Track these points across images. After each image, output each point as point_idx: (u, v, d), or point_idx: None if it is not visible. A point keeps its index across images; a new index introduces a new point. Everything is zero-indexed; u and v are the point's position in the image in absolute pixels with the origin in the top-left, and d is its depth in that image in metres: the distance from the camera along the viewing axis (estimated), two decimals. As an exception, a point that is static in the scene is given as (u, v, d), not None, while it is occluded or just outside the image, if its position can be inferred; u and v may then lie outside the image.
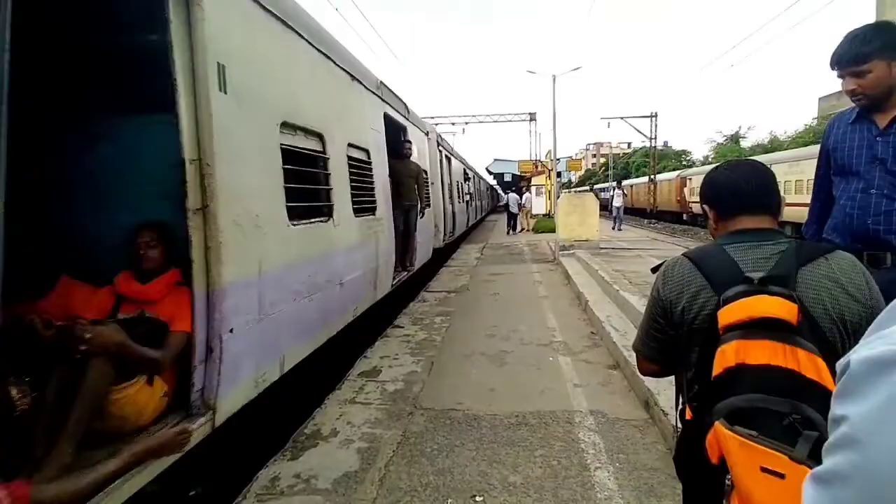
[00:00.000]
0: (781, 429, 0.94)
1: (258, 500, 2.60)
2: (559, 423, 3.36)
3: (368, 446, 3.12)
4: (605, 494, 2.55)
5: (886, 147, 1.83)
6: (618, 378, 4.12)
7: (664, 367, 1.37)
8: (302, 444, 3.17)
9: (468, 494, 2.59)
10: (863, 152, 1.89)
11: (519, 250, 13.67)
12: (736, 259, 1.18)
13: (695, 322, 1.20)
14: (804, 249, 1.17)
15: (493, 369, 4.45)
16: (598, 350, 4.87)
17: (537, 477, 2.73)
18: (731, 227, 1.26)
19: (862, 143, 1.90)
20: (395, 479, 2.76)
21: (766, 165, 1.31)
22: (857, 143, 1.91)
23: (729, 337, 1.06)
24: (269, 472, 2.85)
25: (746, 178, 1.26)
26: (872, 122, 1.88)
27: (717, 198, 1.30)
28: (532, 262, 11.15)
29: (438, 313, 6.60)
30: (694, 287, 1.21)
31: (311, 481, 2.76)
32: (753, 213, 1.24)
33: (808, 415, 0.94)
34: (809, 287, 1.11)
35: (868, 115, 1.89)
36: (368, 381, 4.22)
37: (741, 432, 0.94)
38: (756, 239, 1.20)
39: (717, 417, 1.00)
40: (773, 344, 1.01)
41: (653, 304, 1.32)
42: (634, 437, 3.13)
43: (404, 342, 5.33)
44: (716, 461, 1.01)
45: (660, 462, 2.82)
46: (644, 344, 1.38)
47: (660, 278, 1.32)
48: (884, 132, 1.84)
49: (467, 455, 2.98)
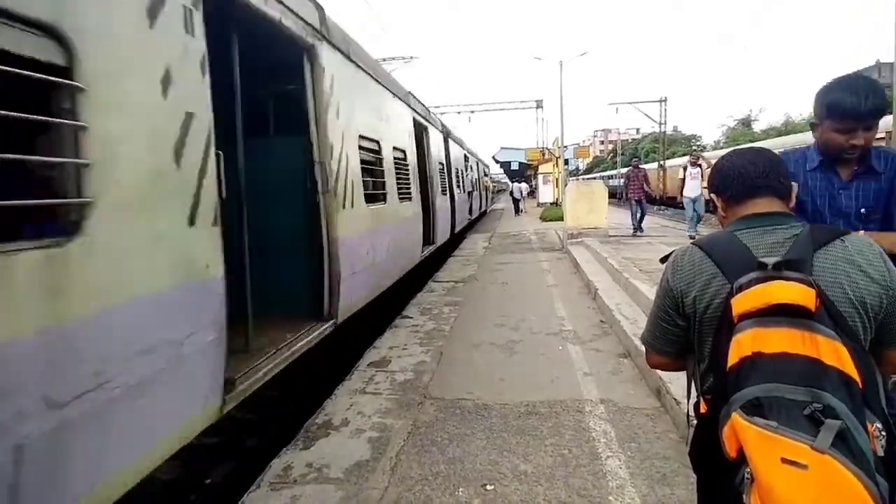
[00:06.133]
0: (802, 418, 0.91)
1: (272, 489, 2.63)
2: (569, 412, 3.35)
3: (379, 436, 3.13)
4: (616, 483, 2.55)
5: (850, 200, 1.82)
6: (628, 366, 4.10)
7: (675, 359, 1.34)
8: (314, 433, 3.20)
9: (479, 483, 2.60)
10: (826, 202, 1.88)
11: (527, 239, 13.61)
12: (748, 245, 1.15)
13: (707, 311, 1.18)
14: (819, 232, 1.14)
15: (503, 359, 4.44)
16: (608, 339, 4.85)
17: (548, 466, 2.73)
18: (741, 212, 1.23)
19: (825, 194, 1.88)
20: (406, 468, 2.77)
21: (774, 151, 1.28)
22: (821, 193, 1.89)
23: (744, 325, 1.03)
24: (282, 462, 2.88)
25: (753, 161, 1.24)
26: (836, 174, 1.85)
27: (725, 183, 1.26)
28: (540, 251, 11.11)
29: (447, 303, 6.60)
30: (705, 275, 1.18)
31: (324, 470, 2.78)
32: (763, 195, 1.21)
33: (830, 403, 0.92)
34: (827, 271, 1.08)
35: (833, 167, 1.85)
36: (378, 372, 4.23)
37: (760, 423, 0.92)
38: (768, 223, 1.17)
39: (733, 409, 0.98)
40: (791, 331, 0.98)
41: (662, 294, 1.29)
42: (646, 426, 3.12)
43: (413, 332, 5.34)
44: (733, 454, 0.99)
45: (672, 451, 2.81)
46: (654, 336, 1.35)
47: (669, 268, 1.29)
48: (846, 184, 1.83)
49: (477, 444, 2.98)
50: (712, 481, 1.18)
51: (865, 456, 0.89)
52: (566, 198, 12.44)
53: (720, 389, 1.07)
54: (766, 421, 0.92)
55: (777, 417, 0.92)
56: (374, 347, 4.88)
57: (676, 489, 2.47)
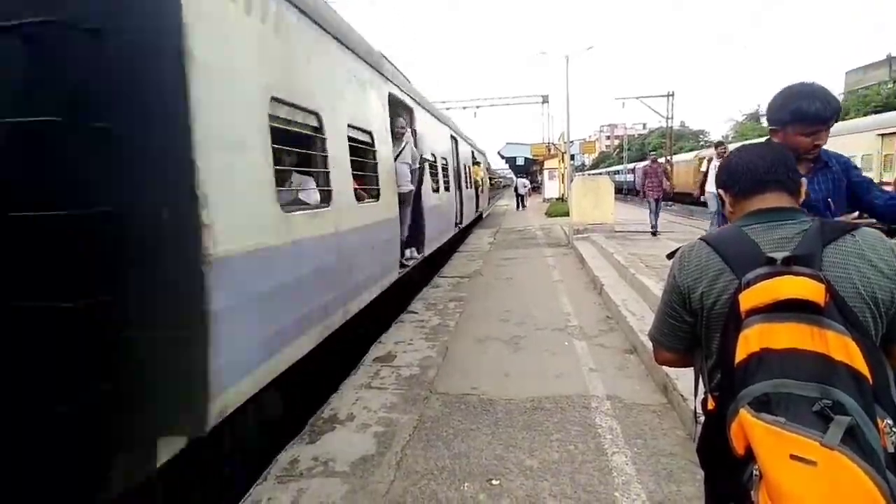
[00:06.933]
0: (811, 415, 0.90)
1: (278, 482, 2.65)
2: (575, 407, 3.35)
3: (385, 430, 3.14)
4: (622, 479, 2.55)
5: (816, 192, 1.96)
6: (634, 362, 4.09)
7: (683, 355, 1.33)
8: (320, 428, 3.21)
9: (484, 478, 2.61)
10: None
11: (532, 235, 13.58)
12: (756, 240, 1.13)
13: (714, 307, 1.16)
14: (828, 227, 1.12)
15: (508, 354, 4.45)
16: (615, 334, 4.84)
17: (554, 461, 2.73)
18: (749, 207, 1.21)
19: None
20: (412, 462, 2.78)
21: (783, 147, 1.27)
22: None
23: (752, 321, 1.02)
24: (289, 455, 2.89)
25: (761, 155, 1.23)
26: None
27: (733, 178, 1.25)
28: (546, 247, 11.08)
29: (452, 298, 6.60)
30: (713, 271, 1.17)
31: (330, 464, 2.79)
32: (771, 190, 1.20)
33: (840, 399, 0.91)
34: (836, 265, 1.06)
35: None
36: (383, 367, 4.25)
37: (768, 419, 0.92)
38: (776, 218, 1.16)
39: (741, 405, 0.97)
40: (800, 326, 0.97)
41: (669, 290, 1.28)
42: (652, 422, 3.11)
43: (418, 327, 5.35)
44: (742, 452, 0.98)
45: (679, 447, 2.80)
46: (661, 332, 1.34)
47: (676, 264, 1.28)
48: (809, 179, 1.91)
49: (483, 439, 2.99)
50: (720, 478, 1.18)
51: (876, 452, 0.88)
52: (572, 193, 12.37)
53: (728, 386, 1.06)
54: (775, 417, 0.92)
55: (785, 414, 0.92)
56: (380, 342, 4.89)
57: (683, 486, 2.46)
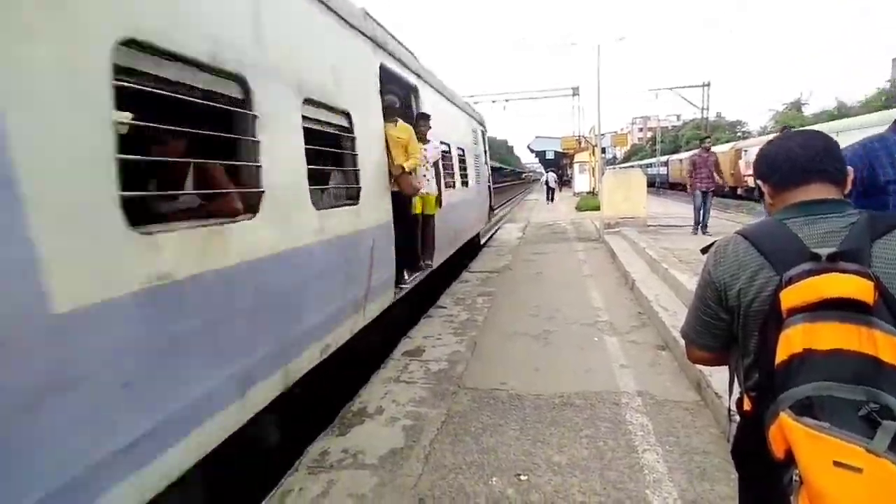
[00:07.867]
0: (857, 419, 0.86)
1: (309, 472, 2.71)
2: (605, 403, 3.30)
3: (413, 424, 3.17)
4: (654, 477, 2.50)
5: None
6: (667, 359, 4.00)
7: (718, 354, 1.28)
8: (349, 420, 3.26)
9: (512, 473, 2.60)
10: None
11: (562, 229, 13.41)
12: (799, 234, 1.07)
13: (752, 305, 1.11)
14: (878, 221, 1.05)
15: (537, 349, 4.41)
16: (646, 330, 4.74)
17: (583, 458, 2.70)
18: (791, 199, 1.15)
19: None
20: (440, 456, 2.80)
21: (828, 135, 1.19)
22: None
23: (794, 320, 0.97)
24: (319, 447, 2.95)
25: (803, 144, 1.15)
26: None
27: (772, 168, 1.18)
28: (576, 241, 10.93)
29: (480, 293, 6.59)
30: (751, 267, 1.12)
31: (359, 456, 2.84)
32: (815, 181, 1.13)
33: (888, 403, 0.86)
34: (887, 262, 1.00)
35: None
36: (412, 361, 4.28)
37: (810, 423, 0.88)
38: (820, 211, 1.09)
39: (781, 408, 0.93)
40: (847, 326, 0.92)
41: (704, 286, 1.23)
42: (685, 420, 3.04)
43: (447, 322, 5.36)
44: (781, 455, 0.94)
45: (712, 446, 2.73)
46: (694, 330, 1.29)
47: (711, 259, 1.23)
48: None
49: (511, 434, 2.98)
50: (756, 481, 1.14)
51: None
52: (603, 186, 12.15)
53: (767, 387, 1.01)
54: (817, 421, 0.87)
55: (829, 418, 0.87)
56: (408, 337, 4.92)
57: (717, 485, 2.40)
